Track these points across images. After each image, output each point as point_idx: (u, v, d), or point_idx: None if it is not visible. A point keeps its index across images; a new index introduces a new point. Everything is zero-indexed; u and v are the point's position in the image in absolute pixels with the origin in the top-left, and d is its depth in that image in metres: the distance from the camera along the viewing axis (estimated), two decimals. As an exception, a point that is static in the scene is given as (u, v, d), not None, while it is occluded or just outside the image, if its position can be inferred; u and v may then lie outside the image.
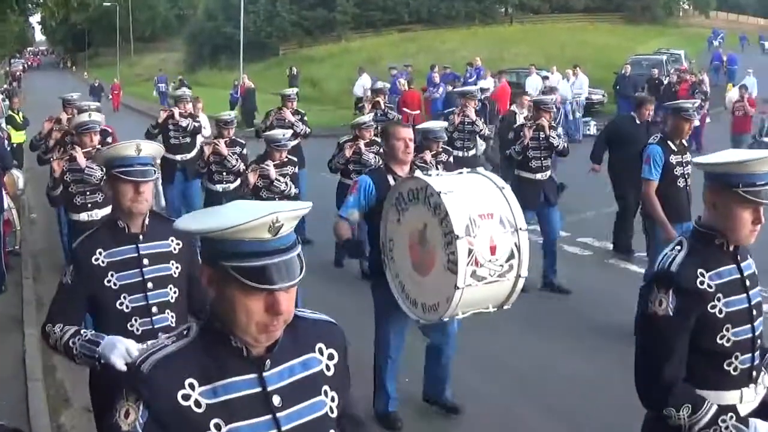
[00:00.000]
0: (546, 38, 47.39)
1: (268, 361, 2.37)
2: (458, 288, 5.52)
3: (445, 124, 11.62)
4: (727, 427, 3.38)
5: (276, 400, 2.37)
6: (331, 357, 2.54)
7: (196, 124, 13.00)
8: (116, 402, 2.30)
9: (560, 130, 11.10)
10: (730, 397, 3.51)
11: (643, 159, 8.31)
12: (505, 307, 6.03)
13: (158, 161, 6.04)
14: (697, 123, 17.36)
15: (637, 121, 11.10)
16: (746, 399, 3.54)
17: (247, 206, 2.29)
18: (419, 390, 6.98)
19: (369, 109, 14.67)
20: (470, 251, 5.55)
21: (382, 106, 14.97)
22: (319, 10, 55.78)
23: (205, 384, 2.30)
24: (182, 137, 12.84)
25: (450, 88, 27.40)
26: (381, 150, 10.21)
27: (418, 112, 24.12)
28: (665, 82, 27.79)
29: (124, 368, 3.86)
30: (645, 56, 37.08)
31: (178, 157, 12.69)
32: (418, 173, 6.12)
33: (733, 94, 21.85)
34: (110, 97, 42.10)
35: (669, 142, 8.26)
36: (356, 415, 2.75)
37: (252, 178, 9.37)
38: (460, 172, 6.28)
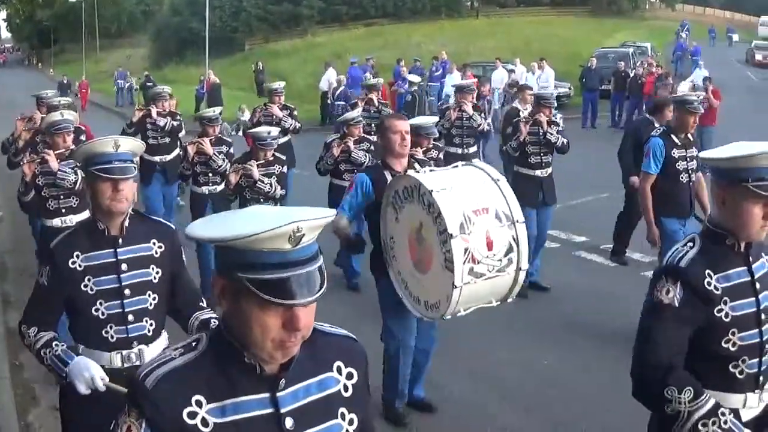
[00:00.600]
0: (512, 32, 47.44)
1: (282, 381, 2.22)
2: (456, 287, 5.43)
3: (435, 119, 11.25)
4: (725, 422, 3.25)
5: (289, 422, 2.22)
6: (350, 376, 2.39)
7: (175, 123, 12.38)
8: (118, 417, 2.19)
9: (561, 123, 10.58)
10: (732, 400, 3.43)
11: (644, 152, 8.20)
12: (509, 300, 5.94)
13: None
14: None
15: (657, 125, 10.21)
16: (750, 404, 3.46)
17: (265, 213, 2.16)
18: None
19: (361, 106, 14.17)
20: (466, 249, 5.45)
21: (376, 103, 14.63)
22: (284, 5, 55.44)
23: (213, 402, 2.15)
24: (161, 137, 12.28)
25: (418, 81, 27.46)
26: (371, 147, 10.09)
27: (386, 105, 24.07)
28: (631, 74, 27.98)
29: (87, 392, 3.90)
30: (611, 49, 37.38)
31: (157, 159, 12.10)
32: (410, 171, 6.01)
33: (684, 86, 21.97)
34: (78, 95, 41.59)
35: (672, 136, 8.13)
36: None
37: (233, 178, 8.93)
38: (455, 166, 6.22)
